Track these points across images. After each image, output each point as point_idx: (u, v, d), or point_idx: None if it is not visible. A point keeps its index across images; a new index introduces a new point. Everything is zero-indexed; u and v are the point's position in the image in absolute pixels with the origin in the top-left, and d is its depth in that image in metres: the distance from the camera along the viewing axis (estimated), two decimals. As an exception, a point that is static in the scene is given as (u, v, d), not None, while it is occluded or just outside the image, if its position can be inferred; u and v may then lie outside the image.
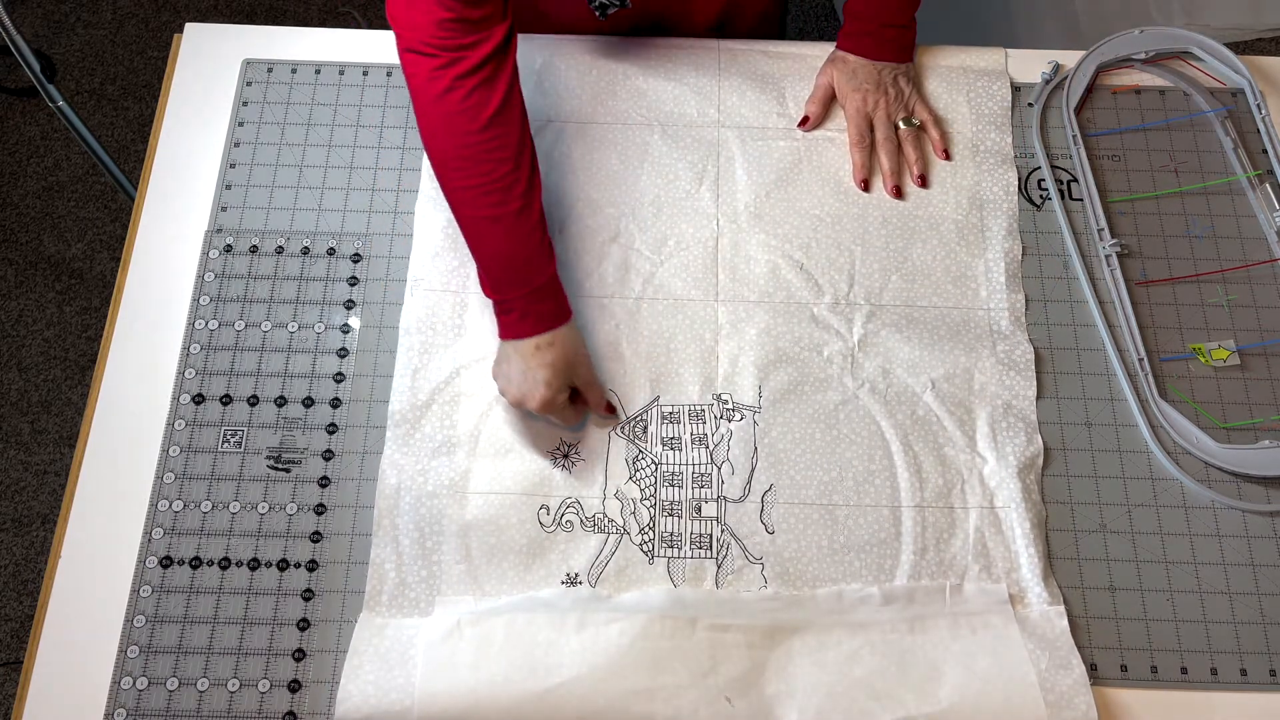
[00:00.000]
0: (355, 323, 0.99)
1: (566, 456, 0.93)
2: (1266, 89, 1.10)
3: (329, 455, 0.93)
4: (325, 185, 1.05)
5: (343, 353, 0.98)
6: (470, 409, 0.95)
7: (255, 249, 1.02)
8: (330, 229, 1.03)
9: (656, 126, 1.07)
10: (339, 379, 0.96)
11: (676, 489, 0.93)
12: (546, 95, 1.08)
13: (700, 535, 0.91)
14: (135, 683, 0.85)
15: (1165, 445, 0.95)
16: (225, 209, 1.03)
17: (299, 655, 0.87)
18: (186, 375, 0.96)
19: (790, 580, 0.89)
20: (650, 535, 0.91)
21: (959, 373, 0.97)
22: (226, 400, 0.95)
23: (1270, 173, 1.06)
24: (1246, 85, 1.10)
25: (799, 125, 1.07)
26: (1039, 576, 0.89)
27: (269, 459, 0.93)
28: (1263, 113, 1.08)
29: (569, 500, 0.92)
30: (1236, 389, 0.97)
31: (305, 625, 0.88)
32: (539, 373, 0.88)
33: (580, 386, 0.92)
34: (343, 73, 1.10)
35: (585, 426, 0.94)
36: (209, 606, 0.88)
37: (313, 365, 0.97)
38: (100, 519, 0.91)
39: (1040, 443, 0.94)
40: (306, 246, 1.02)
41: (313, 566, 0.90)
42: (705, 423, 0.95)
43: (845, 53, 1.07)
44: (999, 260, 1.01)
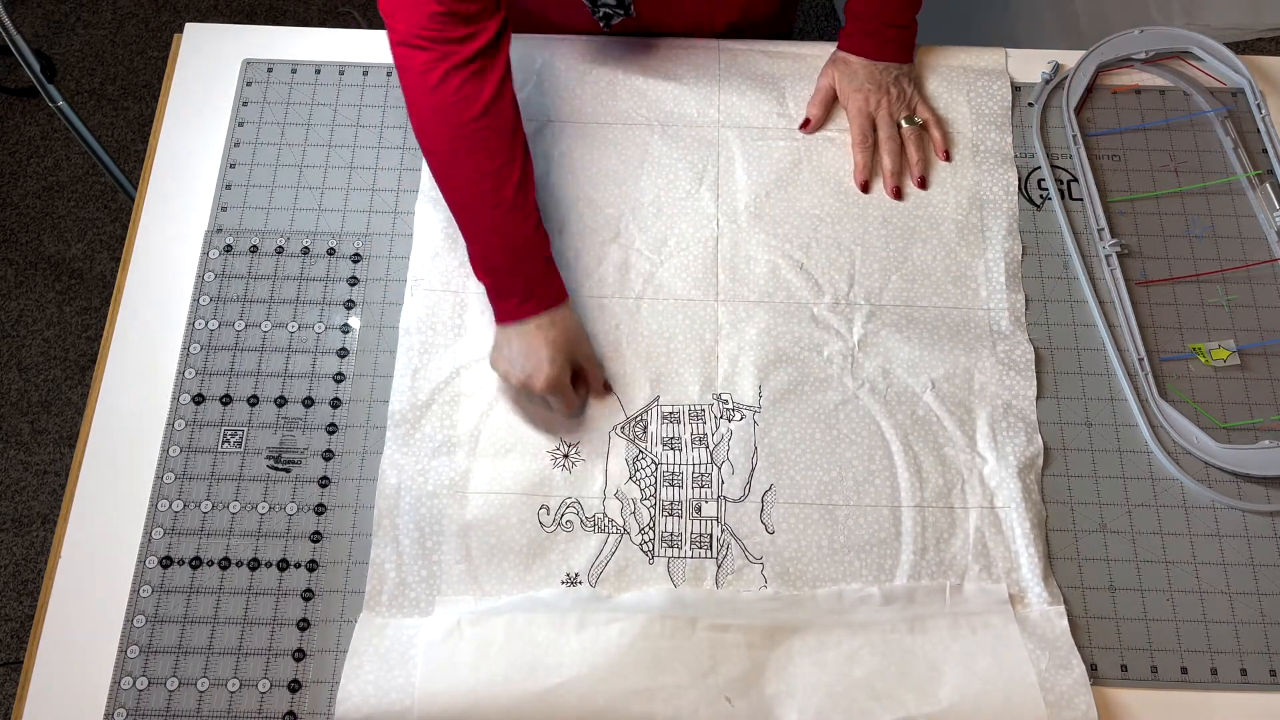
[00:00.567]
0: (355, 323, 0.99)
1: (566, 456, 0.93)
2: (1266, 89, 1.10)
3: (329, 455, 0.94)
4: (325, 185, 1.05)
5: (343, 353, 0.98)
6: (470, 409, 0.95)
7: (255, 249, 1.02)
8: (330, 229, 1.03)
9: (656, 126, 1.07)
10: (339, 379, 0.96)
11: (676, 489, 0.93)
12: (546, 95, 1.08)
13: (700, 535, 0.91)
14: (135, 683, 0.85)
15: (1165, 445, 0.95)
16: (225, 209, 1.03)
17: (299, 655, 0.87)
18: (186, 375, 0.96)
19: (790, 580, 0.89)
20: (650, 535, 0.91)
21: (959, 372, 0.97)
22: (226, 400, 0.95)
23: (1270, 173, 1.06)
24: (1246, 85, 1.10)
25: (800, 128, 1.07)
26: (1039, 576, 0.89)
27: (269, 459, 0.93)
28: (1263, 113, 1.08)
29: (569, 500, 0.92)
30: (1236, 389, 0.97)
31: (305, 625, 0.88)
32: (543, 350, 0.88)
33: (583, 362, 0.93)
34: (343, 73, 1.10)
35: (583, 414, 0.95)
36: (209, 606, 0.88)
37: (313, 365, 0.97)
38: (100, 519, 0.91)
39: (1040, 442, 0.94)
40: (306, 246, 1.02)
41: (313, 566, 0.90)
42: (705, 423, 0.95)
43: (846, 54, 1.07)
44: (999, 260, 1.01)
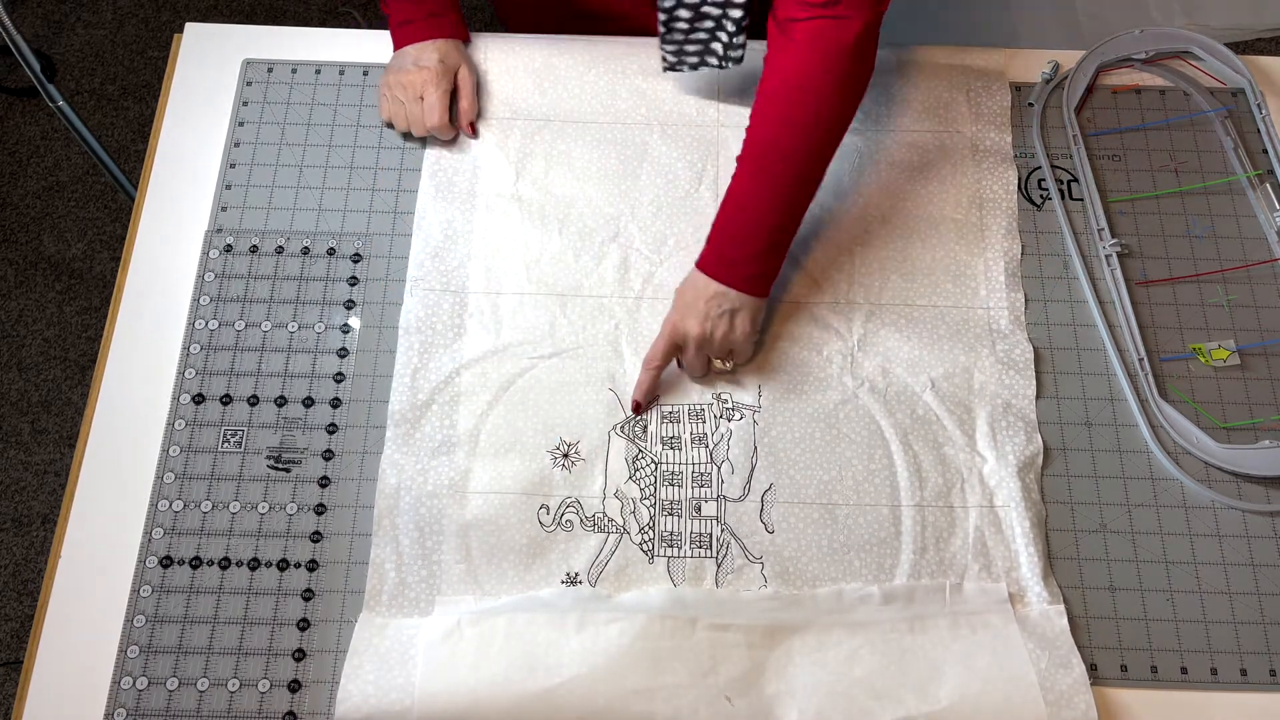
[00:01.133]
0: (355, 323, 0.99)
1: (566, 456, 0.93)
2: (1266, 89, 1.10)
3: (329, 455, 0.93)
4: (325, 185, 1.05)
5: (343, 353, 0.98)
6: (470, 409, 0.95)
7: (255, 249, 1.02)
8: (330, 229, 1.03)
9: (656, 126, 1.07)
10: (339, 379, 0.96)
11: (676, 488, 0.93)
12: (546, 95, 1.08)
13: (700, 534, 0.91)
14: (135, 683, 0.85)
15: (1165, 445, 0.94)
16: (225, 209, 1.03)
17: (299, 655, 0.87)
18: (186, 375, 0.96)
19: (790, 579, 0.89)
20: (650, 535, 0.91)
21: (958, 372, 0.97)
22: (226, 400, 0.95)
23: (1270, 173, 1.06)
24: (1246, 85, 1.10)
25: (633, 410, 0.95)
26: (1039, 576, 0.89)
27: (269, 459, 0.93)
28: (1263, 113, 1.08)
29: (569, 500, 0.92)
30: (1236, 389, 0.97)
31: (305, 625, 0.88)
32: (429, 54, 1.03)
33: (459, 83, 1.05)
34: (343, 73, 1.10)
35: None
36: (209, 606, 0.88)
37: (313, 365, 0.97)
38: (100, 519, 0.91)
39: (1040, 442, 0.94)
40: (306, 246, 1.02)
41: (313, 566, 0.90)
42: (705, 422, 0.95)
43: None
44: (998, 259, 1.01)
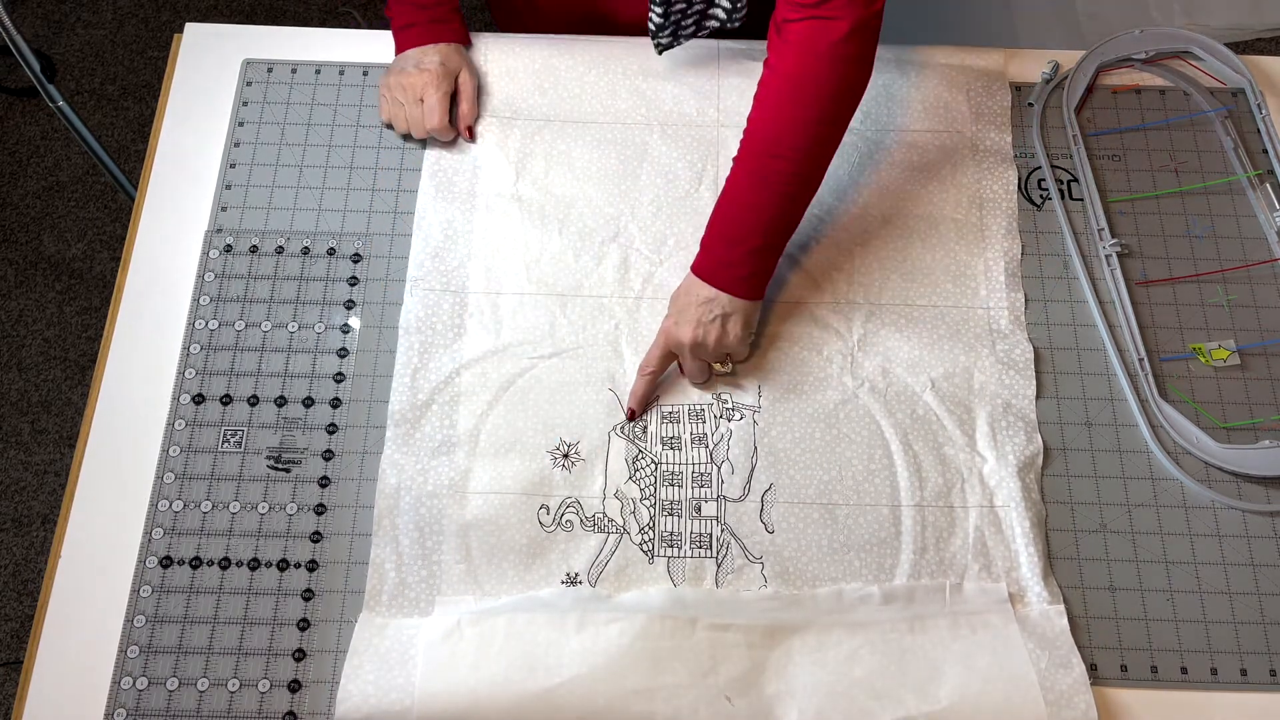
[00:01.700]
0: (355, 323, 0.99)
1: (566, 456, 0.93)
2: (1266, 89, 1.10)
3: (329, 455, 0.93)
4: (325, 185, 1.05)
5: (343, 353, 0.98)
6: (470, 409, 0.95)
7: (255, 249, 1.02)
8: (330, 229, 1.03)
9: (656, 126, 1.07)
10: (339, 379, 0.96)
11: (676, 488, 0.93)
12: (546, 95, 1.08)
13: (700, 535, 0.91)
14: (135, 683, 0.85)
15: (1165, 445, 0.94)
16: (225, 209, 1.03)
17: (299, 655, 0.87)
18: (186, 375, 0.96)
19: (790, 579, 0.89)
20: (650, 535, 0.91)
21: (958, 372, 0.97)
22: (226, 400, 0.95)
23: (1270, 173, 1.06)
24: (1246, 85, 1.10)
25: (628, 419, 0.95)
26: (1039, 575, 0.89)
27: (269, 459, 0.93)
28: (1263, 113, 1.08)
29: (569, 500, 0.92)
30: (1236, 389, 0.97)
31: (305, 625, 0.88)
32: (431, 56, 1.04)
33: (459, 86, 1.05)
34: (343, 73, 1.10)
35: (452, 137, 1.04)
36: (209, 606, 0.88)
37: (313, 365, 0.97)
38: (100, 519, 0.91)
39: (1040, 442, 0.94)
40: (306, 246, 1.02)
41: (313, 566, 0.90)
42: (705, 422, 0.95)
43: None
44: (998, 259, 1.01)
